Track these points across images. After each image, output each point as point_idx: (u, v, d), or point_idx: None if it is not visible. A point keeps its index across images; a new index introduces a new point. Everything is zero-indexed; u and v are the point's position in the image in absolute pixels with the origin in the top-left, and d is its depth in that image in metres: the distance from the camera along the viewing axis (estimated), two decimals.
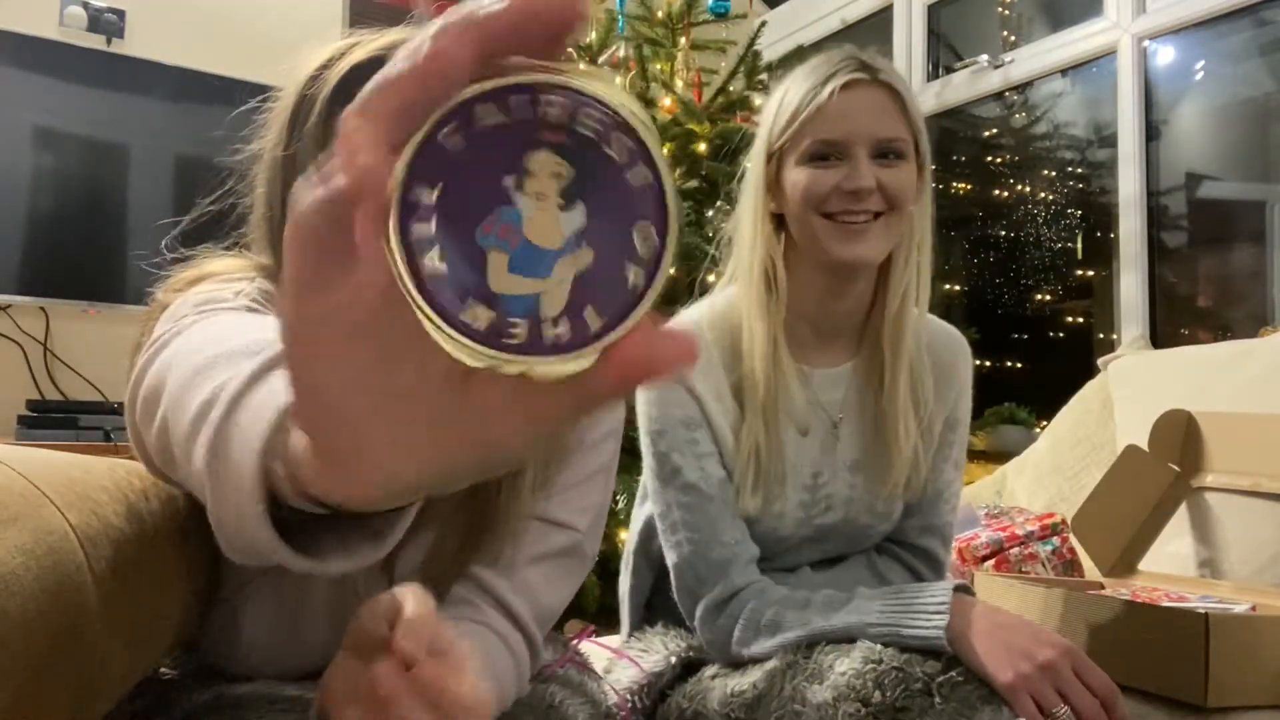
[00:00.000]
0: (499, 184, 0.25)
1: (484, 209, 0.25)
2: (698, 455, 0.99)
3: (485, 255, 0.25)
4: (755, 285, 1.00)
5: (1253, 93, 2.51)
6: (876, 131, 0.95)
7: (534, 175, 0.25)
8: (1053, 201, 2.96)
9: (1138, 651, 1.07)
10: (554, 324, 0.25)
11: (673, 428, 1.00)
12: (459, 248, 0.25)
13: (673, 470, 1.00)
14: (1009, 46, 3.03)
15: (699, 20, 2.71)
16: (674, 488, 1.00)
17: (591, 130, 0.25)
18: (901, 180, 0.96)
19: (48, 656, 0.55)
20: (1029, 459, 2.01)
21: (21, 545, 0.55)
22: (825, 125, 0.95)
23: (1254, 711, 1.03)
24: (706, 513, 0.99)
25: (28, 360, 2.68)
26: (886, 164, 0.96)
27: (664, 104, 2.51)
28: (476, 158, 0.25)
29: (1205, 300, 2.62)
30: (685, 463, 0.99)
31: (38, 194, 2.67)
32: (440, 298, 0.25)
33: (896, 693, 0.81)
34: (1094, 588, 1.39)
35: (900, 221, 0.97)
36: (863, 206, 0.94)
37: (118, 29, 2.83)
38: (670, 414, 1.00)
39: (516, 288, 0.25)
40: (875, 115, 0.95)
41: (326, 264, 0.25)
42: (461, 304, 0.25)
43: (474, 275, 0.25)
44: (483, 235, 0.25)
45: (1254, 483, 1.42)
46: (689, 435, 1.00)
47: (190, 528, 0.75)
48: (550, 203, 0.25)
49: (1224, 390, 1.59)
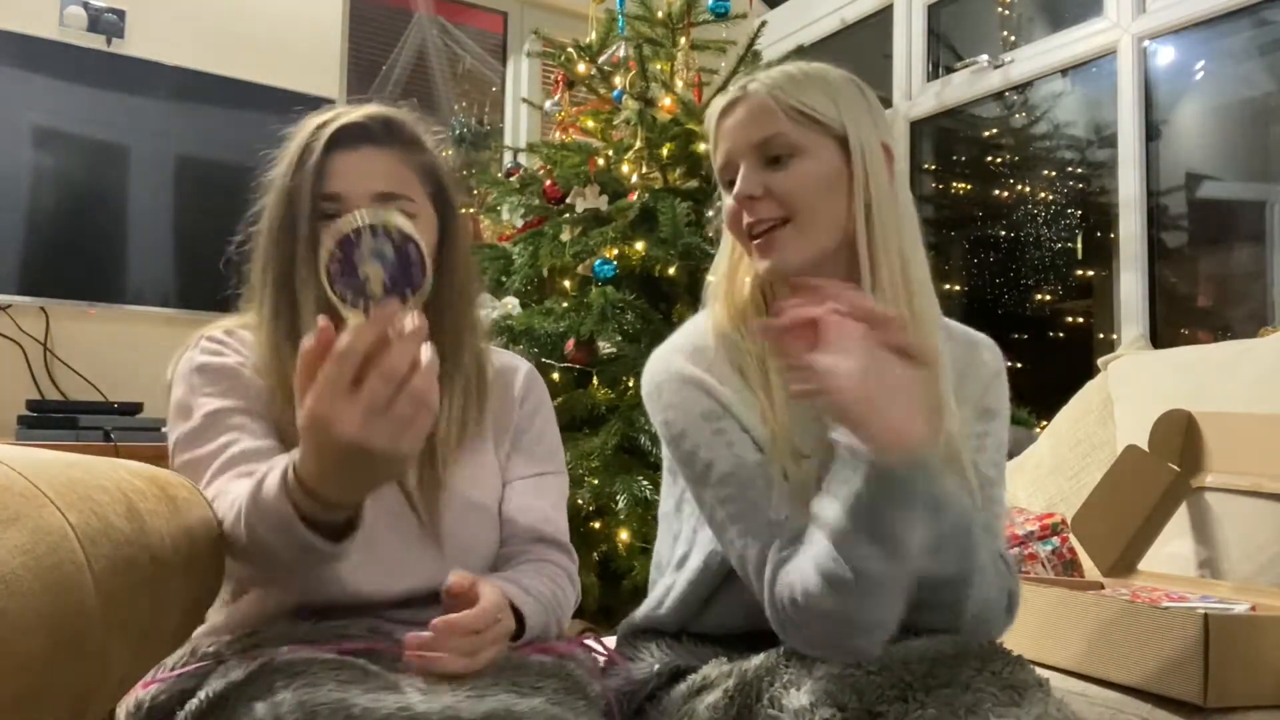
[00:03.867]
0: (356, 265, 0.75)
1: (354, 272, 0.75)
2: (727, 444, 0.93)
3: (363, 284, 0.75)
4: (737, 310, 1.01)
5: (1253, 93, 2.51)
6: (750, 138, 0.95)
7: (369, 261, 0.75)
8: (1053, 201, 2.96)
9: (1138, 651, 1.08)
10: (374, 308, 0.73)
11: (694, 425, 0.95)
12: (349, 283, 0.75)
13: (705, 467, 0.94)
14: (1009, 46, 3.03)
15: (699, 20, 2.71)
16: (710, 486, 0.93)
17: (391, 234, 0.75)
18: (792, 182, 0.94)
19: (48, 656, 0.55)
20: (1029, 459, 2.01)
21: (21, 545, 0.55)
22: (718, 151, 0.99)
23: (1254, 711, 1.03)
24: (750, 500, 0.91)
25: (28, 360, 2.68)
26: (776, 168, 0.95)
27: (664, 104, 2.51)
28: (348, 254, 0.74)
29: (1205, 300, 2.62)
30: (715, 454, 0.93)
31: (38, 194, 2.67)
32: (345, 298, 0.75)
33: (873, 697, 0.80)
34: (1094, 588, 1.39)
35: (814, 224, 0.95)
36: (757, 215, 0.94)
37: (118, 29, 2.83)
38: (689, 412, 0.96)
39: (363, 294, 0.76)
40: (748, 125, 0.96)
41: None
42: (350, 302, 0.75)
43: (357, 290, 0.75)
44: (356, 280, 0.75)
45: (1254, 483, 1.42)
46: (713, 427, 0.95)
47: (191, 527, 0.75)
48: (378, 270, 0.75)
49: (1224, 390, 1.59)
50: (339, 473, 0.71)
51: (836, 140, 0.95)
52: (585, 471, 2.11)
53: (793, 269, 0.94)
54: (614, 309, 2.23)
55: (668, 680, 0.98)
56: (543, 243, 2.49)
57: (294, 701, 0.71)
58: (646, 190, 2.42)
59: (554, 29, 3.02)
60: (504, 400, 1.10)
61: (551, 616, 0.97)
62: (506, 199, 2.79)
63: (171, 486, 0.76)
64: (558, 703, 0.79)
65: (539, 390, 1.15)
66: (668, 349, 1.01)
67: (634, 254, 2.35)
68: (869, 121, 0.97)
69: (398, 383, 0.68)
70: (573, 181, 2.52)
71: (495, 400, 1.09)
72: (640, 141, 2.46)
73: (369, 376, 0.67)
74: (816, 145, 0.94)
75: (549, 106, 2.92)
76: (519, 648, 0.89)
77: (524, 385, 1.13)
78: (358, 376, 0.68)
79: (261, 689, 0.74)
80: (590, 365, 2.29)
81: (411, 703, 0.72)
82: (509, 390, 1.11)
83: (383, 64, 3.60)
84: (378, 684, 0.75)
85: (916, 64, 3.30)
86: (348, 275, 0.73)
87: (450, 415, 1.01)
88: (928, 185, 3.38)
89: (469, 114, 3.77)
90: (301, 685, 0.73)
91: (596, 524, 2.16)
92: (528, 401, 1.12)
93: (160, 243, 2.83)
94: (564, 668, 0.87)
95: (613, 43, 2.80)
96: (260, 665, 0.78)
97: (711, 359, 0.98)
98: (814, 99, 0.95)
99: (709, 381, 0.96)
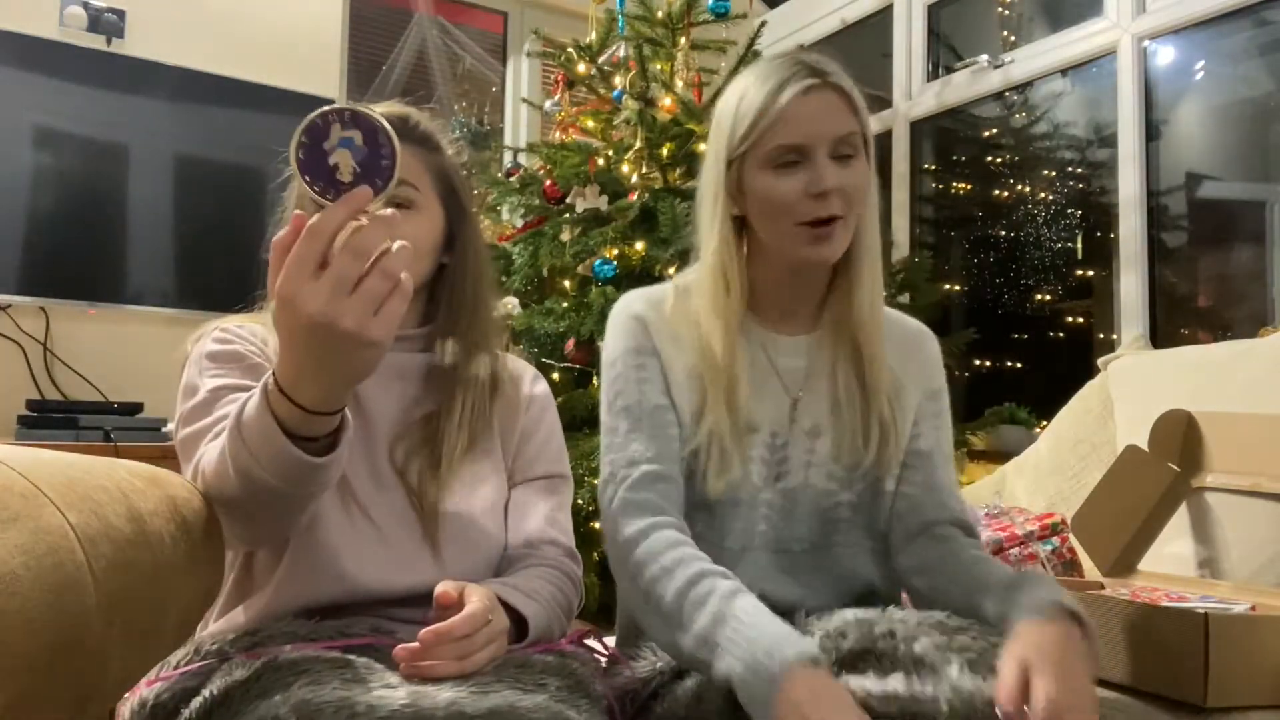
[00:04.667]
0: (326, 153, 0.72)
1: (325, 159, 0.72)
2: (640, 380, 1.04)
3: (333, 171, 0.72)
4: (714, 286, 1.06)
5: (1253, 93, 2.51)
6: (835, 129, 1.00)
7: (338, 149, 0.72)
8: (1053, 201, 2.96)
9: (1138, 651, 1.08)
10: (343, 191, 0.71)
11: (623, 356, 1.06)
12: (319, 171, 0.72)
13: (615, 394, 1.05)
14: (1009, 46, 3.03)
15: (699, 20, 2.71)
16: (613, 413, 1.04)
17: (359, 121, 0.72)
18: (857, 179, 1.01)
19: (48, 656, 0.56)
20: (1029, 459, 2.01)
21: (21, 545, 0.55)
22: (787, 130, 1.00)
23: (1254, 711, 1.03)
24: (637, 432, 1.02)
25: (28, 360, 2.68)
26: (843, 164, 1.01)
27: (664, 104, 2.51)
28: (317, 141, 0.72)
29: (1205, 300, 2.62)
30: (627, 387, 1.04)
31: (38, 194, 2.67)
32: (315, 186, 0.72)
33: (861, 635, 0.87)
34: (1094, 588, 1.39)
35: (852, 224, 1.03)
36: (832, 211, 1.00)
37: (118, 29, 2.83)
38: (624, 345, 1.06)
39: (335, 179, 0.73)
40: (832, 116, 1.01)
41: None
42: (320, 192, 0.72)
43: (328, 179, 0.72)
44: (326, 168, 0.72)
45: (1254, 483, 1.42)
46: (636, 361, 1.05)
47: (191, 527, 0.75)
48: (347, 157, 0.72)
49: (1224, 390, 1.59)
50: (312, 359, 0.70)
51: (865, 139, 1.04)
52: (585, 472, 2.11)
53: (837, 258, 1.03)
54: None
55: (671, 678, 0.98)
56: (543, 243, 2.49)
57: (297, 700, 0.71)
58: (646, 190, 2.42)
59: (554, 29, 3.02)
60: (510, 405, 1.10)
61: (555, 618, 0.97)
62: (506, 199, 2.79)
63: (172, 486, 0.76)
64: (561, 700, 0.79)
65: (544, 396, 1.15)
66: (632, 293, 1.12)
67: (634, 254, 2.35)
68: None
69: (366, 259, 0.67)
70: (573, 181, 2.52)
71: (501, 404, 1.09)
72: (640, 141, 2.47)
73: (338, 254, 0.67)
74: (862, 147, 1.03)
75: (549, 106, 2.92)
76: (522, 649, 0.89)
77: (530, 390, 1.13)
78: (326, 259, 0.67)
79: (265, 688, 0.75)
80: (590, 365, 2.29)
81: (415, 700, 0.72)
82: (516, 395, 1.12)
83: (383, 64, 3.60)
84: (381, 682, 0.76)
85: (916, 64, 3.30)
86: (318, 163, 0.72)
87: (460, 421, 1.02)
88: (928, 185, 3.38)
89: (469, 114, 3.77)
90: (305, 684, 0.73)
91: (596, 524, 2.16)
92: (534, 407, 1.13)
93: (160, 243, 2.82)
94: (567, 665, 0.87)
95: (613, 43, 2.80)
96: (264, 664, 0.78)
97: (666, 309, 1.08)
98: (865, 107, 1.04)
99: (652, 321, 1.07)
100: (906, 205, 3.30)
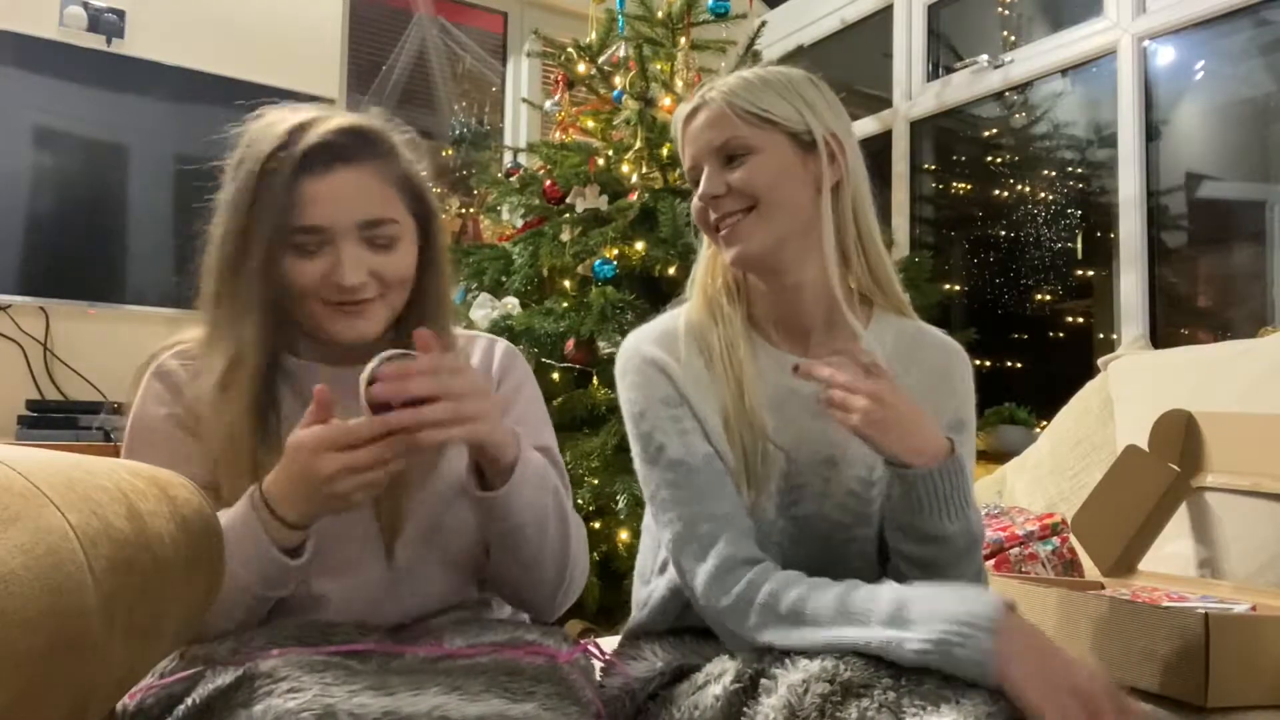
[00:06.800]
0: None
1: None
2: (681, 431, 1.02)
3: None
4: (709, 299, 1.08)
5: (1253, 93, 2.51)
6: (711, 142, 1.04)
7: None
8: (1053, 201, 2.96)
9: (1138, 651, 1.08)
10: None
11: (653, 407, 1.03)
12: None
13: (657, 449, 1.02)
14: (1009, 46, 3.03)
15: (699, 20, 2.71)
16: (660, 467, 1.02)
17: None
18: (748, 176, 1.01)
19: (48, 656, 0.56)
20: (1029, 459, 2.01)
21: (21, 545, 0.55)
22: (685, 155, 1.08)
23: (1254, 711, 1.03)
24: (694, 487, 1.00)
25: (28, 360, 2.68)
26: (733, 166, 1.02)
27: (664, 104, 2.51)
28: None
29: (1205, 300, 2.62)
30: (669, 440, 1.02)
31: (38, 194, 2.68)
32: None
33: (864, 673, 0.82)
34: (1094, 588, 1.39)
35: (778, 210, 1.02)
36: (722, 211, 1.02)
37: (118, 29, 2.83)
38: (650, 395, 1.04)
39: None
40: (707, 131, 1.04)
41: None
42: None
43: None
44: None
45: (1254, 483, 1.42)
46: (670, 413, 1.03)
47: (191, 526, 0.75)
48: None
49: (1224, 390, 1.59)
50: (298, 492, 0.85)
51: (789, 135, 1.03)
52: (585, 471, 2.11)
53: (755, 254, 1.03)
54: (614, 309, 2.23)
55: (671, 679, 0.99)
56: (543, 243, 2.48)
57: (280, 708, 0.71)
58: (646, 190, 2.42)
59: (554, 29, 3.02)
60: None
61: (546, 486, 0.96)
62: (506, 199, 2.78)
63: (172, 487, 0.76)
64: (549, 708, 0.79)
65: (519, 367, 1.11)
66: (639, 333, 1.09)
67: (634, 254, 2.35)
68: (829, 115, 1.05)
69: (380, 464, 0.84)
70: (573, 181, 2.52)
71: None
72: (640, 141, 2.47)
73: (364, 453, 0.83)
74: (770, 142, 1.03)
75: (549, 106, 2.92)
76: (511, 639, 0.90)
77: (502, 363, 1.10)
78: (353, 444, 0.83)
79: (248, 694, 0.74)
80: (590, 365, 2.29)
81: (399, 705, 0.72)
82: (485, 370, 1.08)
83: (383, 64, 3.60)
84: (364, 685, 0.75)
85: (916, 64, 3.30)
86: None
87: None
88: (928, 185, 3.38)
89: (469, 114, 3.77)
90: (287, 690, 0.73)
91: (597, 524, 2.16)
92: (507, 380, 1.09)
93: (160, 243, 2.82)
94: (557, 672, 0.87)
95: (613, 43, 2.80)
96: (246, 670, 0.78)
97: (679, 345, 1.05)
98: (767, 101, 1.04)
99: (672, 367, 1.04)
100: (906, 205, 3.30)
